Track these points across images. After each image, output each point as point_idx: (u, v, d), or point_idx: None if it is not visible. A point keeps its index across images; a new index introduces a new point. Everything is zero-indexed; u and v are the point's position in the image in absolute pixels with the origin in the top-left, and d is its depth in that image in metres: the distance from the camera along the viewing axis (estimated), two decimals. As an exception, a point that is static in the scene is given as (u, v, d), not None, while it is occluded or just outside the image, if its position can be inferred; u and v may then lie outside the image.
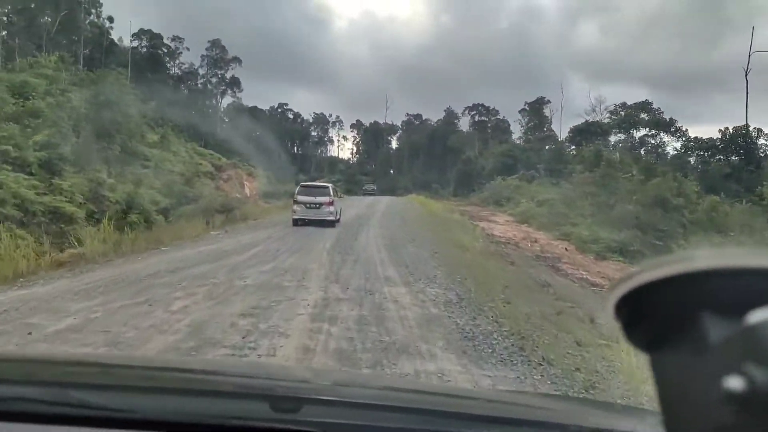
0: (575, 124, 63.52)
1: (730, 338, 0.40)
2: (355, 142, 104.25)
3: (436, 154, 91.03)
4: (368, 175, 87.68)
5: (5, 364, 1.35)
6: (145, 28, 73.22)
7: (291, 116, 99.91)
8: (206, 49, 72.76)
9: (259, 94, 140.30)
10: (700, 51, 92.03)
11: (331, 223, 18.66)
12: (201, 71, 74.56)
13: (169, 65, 74.88)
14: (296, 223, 18.82)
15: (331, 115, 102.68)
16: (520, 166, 60.89)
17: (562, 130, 69.50)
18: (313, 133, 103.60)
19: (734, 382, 0.37)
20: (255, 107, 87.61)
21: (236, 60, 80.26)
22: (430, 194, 63.50)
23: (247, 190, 51.11)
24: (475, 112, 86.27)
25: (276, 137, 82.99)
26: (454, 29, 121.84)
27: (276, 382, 1.31)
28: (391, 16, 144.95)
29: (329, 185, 21.07)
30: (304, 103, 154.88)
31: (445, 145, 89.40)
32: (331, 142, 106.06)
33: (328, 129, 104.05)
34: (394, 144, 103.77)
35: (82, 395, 0.97)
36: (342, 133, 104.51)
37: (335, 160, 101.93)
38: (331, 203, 18.91)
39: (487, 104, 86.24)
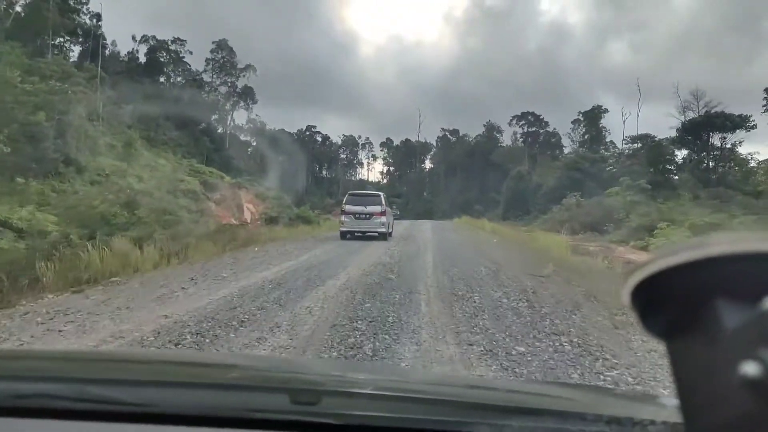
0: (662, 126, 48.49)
1: (745, 324, 0.38)
2: (385, 161, 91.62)
3: (476, 173, 77.08)
4: (400, 197, 74.53)
5: (26, 361, 1.34)
6: (155, 39, 61.87)
7: (319, 138, 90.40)
8: (211, 52, 60.42)
9: (287, 119, 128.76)
10: (735, 68, 78.50)
11: (383, 236, 16.38)
12: (206, 78, 62.27)
13: (172, 74, 63.14)
14: (344, 236, 16.50)
15: (360, 137, 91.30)
16: (592, 181, 46.50)
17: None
18: (342, 156, 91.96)
19: (750, 368, 0.35)
20: (282, 129, 78.23)
21: (250, 68, 68.27)
22: (474, 217, 49.79)
23: (247, 214, 37.96)
24: (524, 122, 71.77)
25: (302, 159, 72.17)
26: (483, 51, 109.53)
27: (295, 375, 1.31)
28: (418, 40, 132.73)
29: (381, 194, 18.23)
30: (334, 129, 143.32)
31: (487, 162, 75.54)
32: (361, 164, 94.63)
33: (357, 151, 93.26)
34: (427, 164, 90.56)
35: (103, 391, 0.95)
36: (372, 153, 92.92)
37: (364, 183, 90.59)
38: (383, 213, 16.62)
39: (537, 112, 71.63)
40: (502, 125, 79.53)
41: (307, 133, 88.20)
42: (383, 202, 16.93)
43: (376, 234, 16.23)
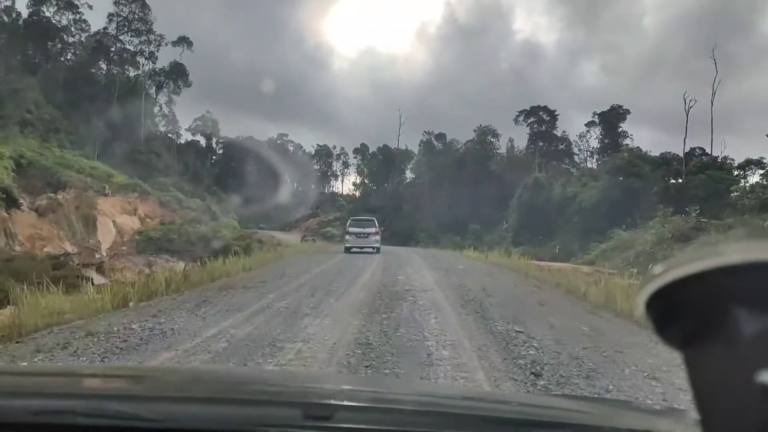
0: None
1: (763, 332, 0.36)
2: (359, 170, 74.18)
3: (468, 184, 59.22)
4: (375, 213, 56.31)
5: (44, 377, 1.32)
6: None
7: (291, 148, 76.56)
8: (115, 4, 41.58)
9: (260, 132, 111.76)
10: (704, 92, 69.91)
11: (377, 250, 20.11)
12: (111, 45, 43.44)
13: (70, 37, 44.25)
14: (348, 250, 19.85)
15: (335, 147, 76.80)
16: (661, 193, 29.54)
17: (713, 140, 36.88)
18: (315, 167, 77.44)
19: None
20: (251, 137, 66.37)
21: (183, 41, 49.76)
22: (469, 242, 32.61)
23: (106, 235, 18.29)
24: (533, 119, 54.21)
25: (266, 168, 55.13)
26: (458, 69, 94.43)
27: (308, 389, 1.27)
28: (394, 55, 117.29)
29: (374, 218, 23.19)
30: (308, 142, 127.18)
31: (482, 172, 58.07)
32: (336, 176, 79.66)
33: (332, 162, 78.91)
34: (408, 174, 73.14)
35: (120, 406, 0.92)
36: (346, 160, 76.98)
37: (335, 195, 73.04)
38: (377, 233, 21.02)
39: (551, 107, 54.12)
40: (499, 129, 62.69)
41: (278, 141, 73.68)
42: (376, 225, 21.74)
43: (372, 249, 20.10)
